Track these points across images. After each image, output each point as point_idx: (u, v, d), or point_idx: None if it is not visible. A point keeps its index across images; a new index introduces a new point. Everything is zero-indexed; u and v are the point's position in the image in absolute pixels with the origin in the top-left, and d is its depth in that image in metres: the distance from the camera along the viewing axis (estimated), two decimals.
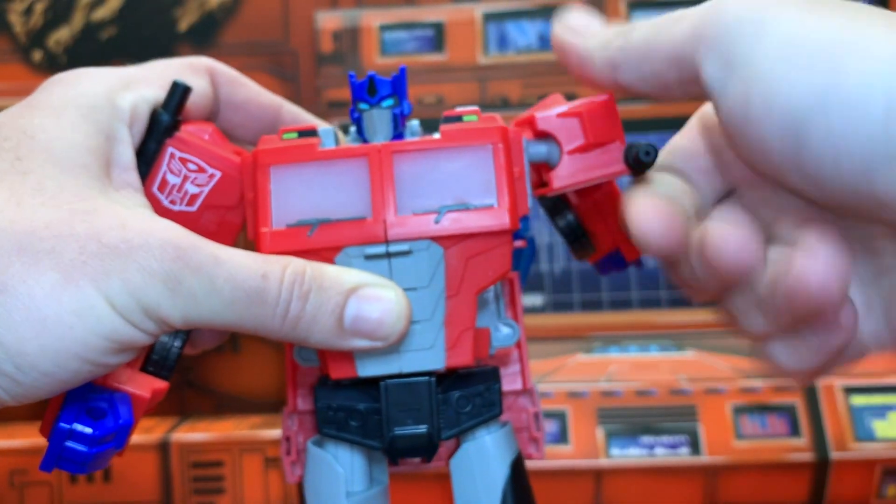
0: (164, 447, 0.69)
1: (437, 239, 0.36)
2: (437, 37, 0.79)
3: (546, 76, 0.77)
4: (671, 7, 0.33)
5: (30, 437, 0.69)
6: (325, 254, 0.35)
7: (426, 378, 0.37)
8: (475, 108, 0.38)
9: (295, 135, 0.38)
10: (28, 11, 0.80)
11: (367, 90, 0.36)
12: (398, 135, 0.37)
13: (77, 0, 0.80)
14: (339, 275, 0.34)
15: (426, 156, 0.36)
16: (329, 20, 0.79)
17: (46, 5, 0.80)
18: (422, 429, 0.37)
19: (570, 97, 0.40)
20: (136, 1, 0.79)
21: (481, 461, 0.39)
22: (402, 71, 0.37)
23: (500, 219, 0.36)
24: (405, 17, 0.79)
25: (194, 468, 0.69)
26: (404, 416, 0.37)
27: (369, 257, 0.35)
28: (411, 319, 0.35)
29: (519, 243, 0.38)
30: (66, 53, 0.79)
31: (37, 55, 0.80)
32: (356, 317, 0.34)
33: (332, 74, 0.79)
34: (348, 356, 0.36)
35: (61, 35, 0.80)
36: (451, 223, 0.36)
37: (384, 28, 0.79)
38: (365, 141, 0.37)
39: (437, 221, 0.35)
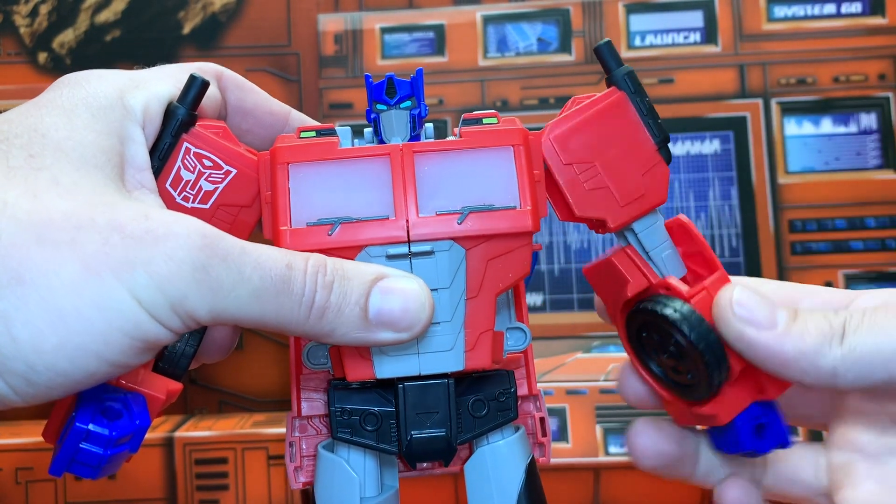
0: (168, 444, 0.70)
1: (459, 240, 0.35)
2: (437, 39, 0.80)
3: (544, 78, 0.78)
4: (669, 11, 0.33)
5: (35, 435, 0.70)
6: (346, 253, 0.35)
7: (445, 380, 0.37)
8: (494, 111, 0.38)
9: (313, 133, 0.37)
10: (33, 14, 0.80)
11: (387, 91, 0.36)
12: (415, 136, 0.37)
13: (81, 2, 0.80)
14: (359, 267, 0.34)
15: (448, 157, 0.36)
16: (331, 23, 0.80)
17: (51, 8, 0.80)
18: (440, 432, 0.37)
19: (567, 99, 0.41)
20: (140, 3, 0.80)
21: (496, 466, 0.39)
22: (420, 73, 0.37)
23: (522, 220, 0.36)
24: (406, 19, 0.80)
25: (198, 465, 0.70)
26: (422, 419, 0.37)
27: (391, 257, 0.35)
28: (434, 311, 0.34)
29: (535, 246, 0.38)
30: (70, 55, 0.80)
31: (42, 57, 0.80)
32: (381, 307, 0.33)
33: (334, 76, 0.80)
34: (366, 357, 0.36)
35: (66, 37, 0.80)
36: (475, 224, 0.35)
37: (385, 30, 0.80)
38: (382, 142, 0.37)
39: (459, 222, 0.35)
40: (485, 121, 0.38)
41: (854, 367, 0.35)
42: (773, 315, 0.36)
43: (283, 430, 0.70)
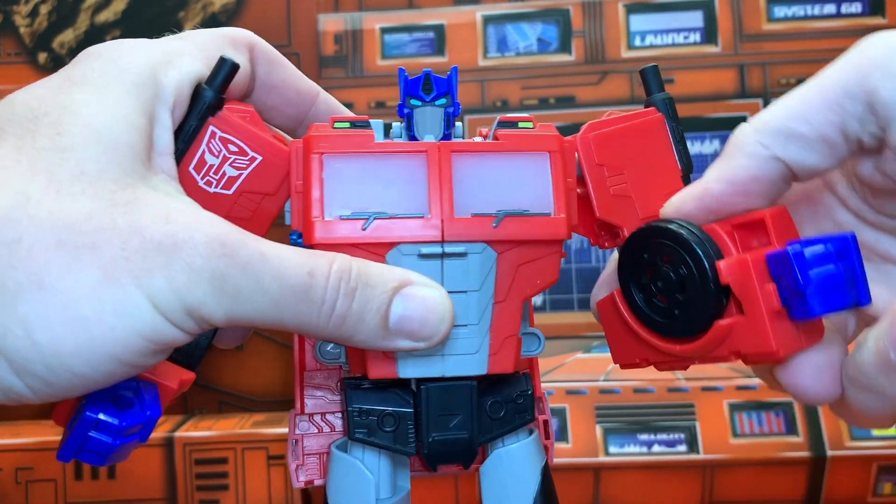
0: (168, 444, 0.70)
1: (492, 243, 0.35)
2: (437, 39, 0.80)
3: (544, 78, 0.78)
4: (669, 11, 0.33)
5: (35, 436, 0.70)
6: (378, 249, 0.34)
7: (469, 382, 0.36)
8: (530, 115, 0.38)
9: (347, 125, 0.36)
10: (33, 14, 0.81)
11: (423, 87, 0.36)
12: (447, 135, 0.37)
13: (81, 2, 0.80)
14: (383, 272, 0.33)
15: (485, 158, 0.36)
16: (331, 23, 0.80)
17: (51, 8, 0.80)
18: (463, 434, 0.36)
19: (567, 99, 0.41)
20: (140, 3, 0.80)
21: (512, 469, 0.38)
22: (454, 71, 0.36)
23: (556, 228, 0.35)
24: (406, 19, 0.80)
25: (198, 465, 0.70)
26: (444, 421, 0.36)
27: (423, 256, 0.35)
28: (455, 322, 0.34)
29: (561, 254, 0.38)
30: (70, 55, 0.80)
31: (42, 57, 0.80)
32: (401, 316, 0.33)
33: (334, 76, 0.80)
34: (389, 356, 0.35)
35: (66, 37, 0.80)
36: (510, 228, 0.35)
37: (385, 30, 0.80)
38: (413, 138, 0.37)
39: (495, 225, 0.35)
40: (520, 125, 0.37)
41: (782, 124, 0.35)
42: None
43: (283, 430, 0.70)
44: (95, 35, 0.80)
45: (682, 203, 0.36)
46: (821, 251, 0.33)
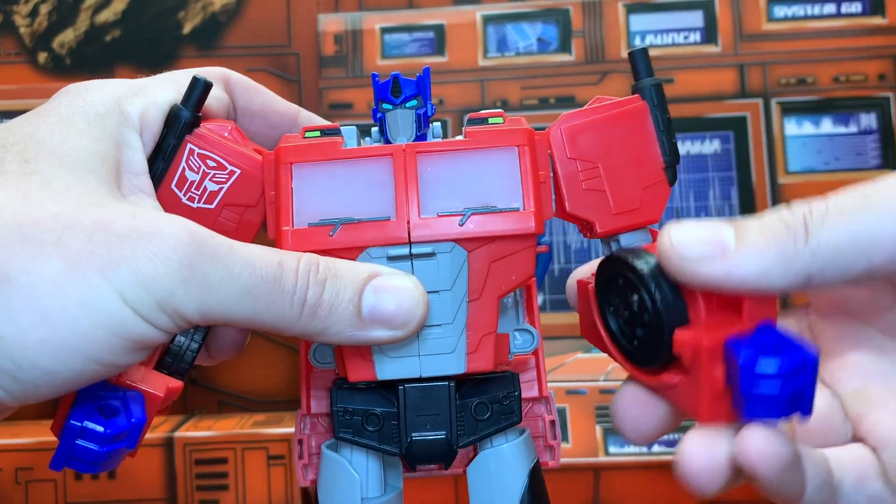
0: (168, 444, 0.70)
1: (460, 241, 0.35)
2: (437, 39, 0.80)
3: (544, 78, 0.78)
4: (669, 11, 0.33)
5: (35, 435, 0.70)
6: (347, 254, 0.35)
7: (446, 383, 0.36)
8: (500, 110, 0.38)
9: (318, 133, 0.37)
10: (33, 14, 0.81)
11: (392, 90, 0.36)
12: (421, 136, 0.37)
13: (81, 2, 0.80)
14: (352, 266, 0.34)
15: (451, 157, 0.36)
16: (331, 23, 0.80)
17: (51, 8, 0.80)
18: (441, 435, 0.37)
19: (567, 99, 0.41)
20: (139, 3, 0.80)
21: (499, 469, 0.38)
22: (426, 72, 0.36)
23: (525, 222, 0.35)
24: (406, 19, 0.80)
25: (198, 465, 0.70)
26: (423, 422, 0.37)
27: (392, 258, 0.35)
28: (429, 318, 0.34)
29: (541, 248, 0.37)
30: (70, 55, 0.80)
31: (42, 57, 0.80)
32: (374, 304, 0.33)
33: (334, 76, 0.80)
34: (367, 358, 0.36)
35: (66, 37, 0.80)
36: (476, 226, 0.35)
37: (385, 30, 0.80)
38: (388, 141, 0.37)
39: (461, 223, 0.35)
40: (490, 120, 0.37)
41: (829, 264, 0.31)
42: (719, 238, 0.31)
43: (283, 430, 0.70)
44: (95, 35, 0.80)
45: (687, 242, 0.32)
46: (775, 367, 0.31)
